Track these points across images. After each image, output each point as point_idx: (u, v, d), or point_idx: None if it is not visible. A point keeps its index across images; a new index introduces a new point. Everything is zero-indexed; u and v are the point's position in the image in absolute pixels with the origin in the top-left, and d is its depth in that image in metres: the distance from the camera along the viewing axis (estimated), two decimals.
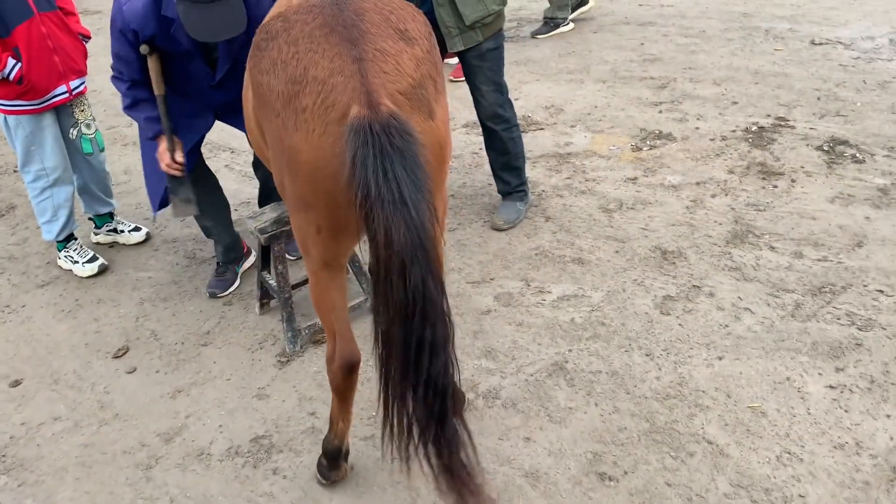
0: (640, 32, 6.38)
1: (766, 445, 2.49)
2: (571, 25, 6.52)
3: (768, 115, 4.67)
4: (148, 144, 3.21)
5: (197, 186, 3.27)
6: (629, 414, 2.66)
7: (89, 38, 3.71)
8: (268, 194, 3.53)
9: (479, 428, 2.66)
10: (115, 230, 4.04)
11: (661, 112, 4.87)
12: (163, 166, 3.08)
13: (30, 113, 3.44)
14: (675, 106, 4.94)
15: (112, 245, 4.05)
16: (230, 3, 2.68)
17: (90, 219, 4.06)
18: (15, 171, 5.01)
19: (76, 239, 3.83)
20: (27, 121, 3.46)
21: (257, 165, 3.56)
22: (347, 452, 2.46)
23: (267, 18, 2.39)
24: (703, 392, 2.72)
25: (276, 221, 3.01)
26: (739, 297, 3.16)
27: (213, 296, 3.54)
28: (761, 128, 4.52)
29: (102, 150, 3.84)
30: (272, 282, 3.17)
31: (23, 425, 2.90)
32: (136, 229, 4.05)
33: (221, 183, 3.57)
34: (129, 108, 3.11)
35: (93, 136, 3.74)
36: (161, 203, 3.33)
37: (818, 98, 4.84)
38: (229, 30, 2.73)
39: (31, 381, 3.12)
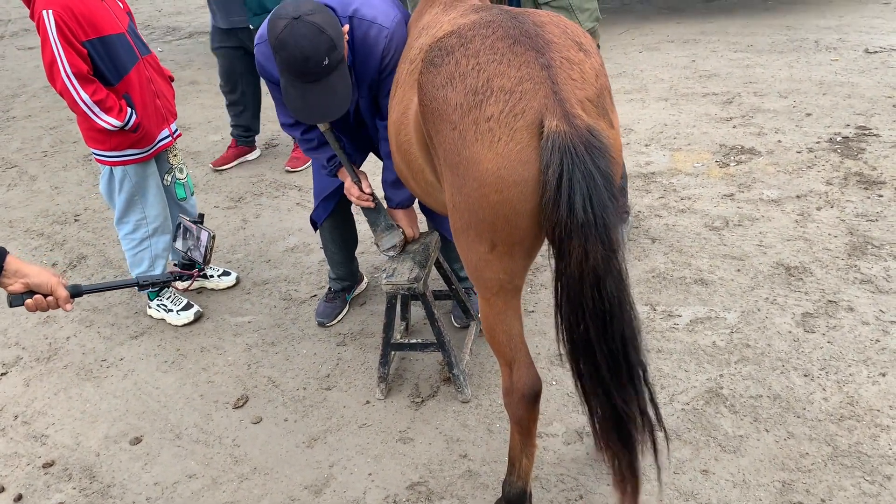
0: (687, 49, 6.36)
1: None
2: None
3: (847, 125, 4.62)
4: (318, 174, 3.17)
5: (337, 213, 3.20)
6: (806, 438, 2.54)
7: (173, 79, 3.61)
8: None
9: (648, 462, 2.53)
10: (203, 275, 3.91)
11: (735, 127, 4.82)
12: (353, 200, 2.95)
13: (138, 161, 3.32)
14: (747, 120, 4.88)
15: (200, 291, 3.92)
16: (331, 84, 2.40)
17: (175, 265, 3.92)
18: (76, 220, 4.89)
19: (169, 287, 3.70)
20: (134, 170, 3.34)
21: None
22: (531, 496, 2.32)
23: (420, 41, 2.31)
24: (879, 411, 2.60)
25: (414, 279, 2.81)
26: (881, 311, 3.06)
27: (321, 325, 3.47)
28: (845, 138, 4.46)
29: (193, 193, 3.72)
30: (400, 338, 3.09)
31: (157, 485, 2.74)
32: (226, 273, 3.92)
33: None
34: (313, 150, 2.94)
35: (185, 180, 3.63)
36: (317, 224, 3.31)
37: (894, 105, 4.80)
38: (328, 112, 2.47)
39: (151, 438, 2.97)
